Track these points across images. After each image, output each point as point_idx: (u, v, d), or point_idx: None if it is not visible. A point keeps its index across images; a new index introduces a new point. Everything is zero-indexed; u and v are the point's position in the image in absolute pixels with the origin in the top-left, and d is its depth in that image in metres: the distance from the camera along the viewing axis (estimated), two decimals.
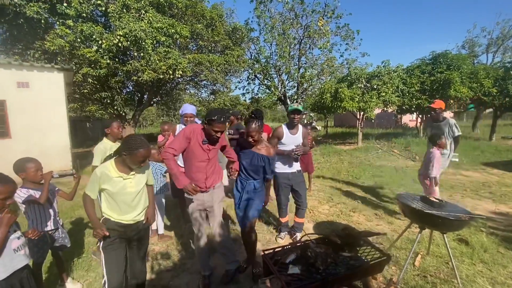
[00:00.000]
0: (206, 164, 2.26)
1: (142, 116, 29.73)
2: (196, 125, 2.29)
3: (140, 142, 1.72)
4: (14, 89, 6.75)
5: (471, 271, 2.54)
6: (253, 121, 2.36)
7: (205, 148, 2.22)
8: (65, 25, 8.47)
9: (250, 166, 2.47)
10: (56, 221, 2.28)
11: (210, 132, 2.13)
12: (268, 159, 2.46)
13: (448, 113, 25.14)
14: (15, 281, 1.50)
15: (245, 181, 2.53)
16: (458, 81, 10.64)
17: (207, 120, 2.11)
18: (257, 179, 2.52)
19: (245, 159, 2.48)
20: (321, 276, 1.28)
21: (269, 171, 2.52)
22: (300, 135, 3.10)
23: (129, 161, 1.72)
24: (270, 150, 2.50)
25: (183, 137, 2.18)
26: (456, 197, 4.85)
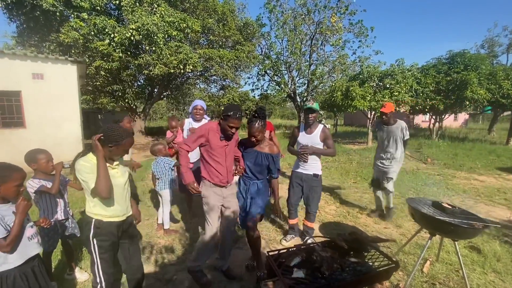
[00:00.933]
0: (225, 159, 2.32)
1: (152, 110, 30.11)
2: (212, 123, 2.34)
3: (123, 131, 1.68)
4: (29, 80, 6.92)
5: (482, 281, 2.45)
6: (256, 121, 2.28)
7: (223, 144, 2.29)
8: (80, 18, 8.62)
9: (255, 166, 2.42)
10: (66, 211, 2.33)
11: (225, 128, 2.19)
12: (272, 157, 2.42)
13: (463, 114, 24.43)
14: (27, 268, 1.55)
15: (248, 181, 2.48)
16: (476, 82, 10.27)
17: (223, 115, 2.17)
18: (261, 179, 2.48)
19: (249, 159, 2.43)
20: (326, 281, 1.25)
21: (274, 169, 2.47)
22: (318, 135, 2.97)
23: (115, 153, 1.67)
24: (273, 148, 2.46)
25: (198, 135, 2.26)
26: (469, 202, 4.70)
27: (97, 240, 1.69)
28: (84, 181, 1.63)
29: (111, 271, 1.75)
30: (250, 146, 2.44)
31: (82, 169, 1.61)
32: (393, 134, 3.56)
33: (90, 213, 1.71)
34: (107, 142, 1.62)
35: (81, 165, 1.62)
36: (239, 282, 2.43)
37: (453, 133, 15.74)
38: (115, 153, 1.68)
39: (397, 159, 3.61)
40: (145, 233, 3.42)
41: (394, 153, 3.60)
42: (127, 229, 1.85)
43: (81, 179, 1.63)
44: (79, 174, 1.62)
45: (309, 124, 3.01)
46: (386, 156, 3.67)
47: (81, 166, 1.62)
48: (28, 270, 1.55)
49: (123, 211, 1.79)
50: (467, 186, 5.71)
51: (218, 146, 2.27)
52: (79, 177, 1.63)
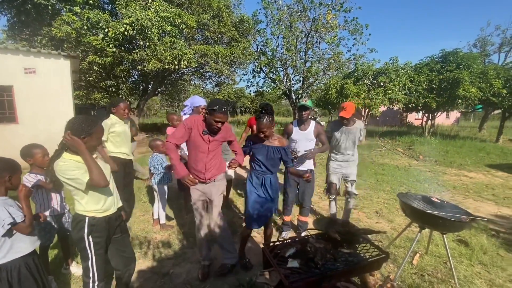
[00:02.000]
0: (206, 155, 2.27)
1: (147, 106, 29.79)
2: (197, 116, 2.30)
3: (90, 120, 1.65)
4: (21, 75, 6.80)
5: (469, 272, 2.55)
6: (264, 117, 2.28)
7: (206, 139, 2.24)
8: (72, 11, 8.46)
9: (267, 160, 2.42)
10: (62, 206, 2.34)
11: (211, 122, 2.15)
12: (284, 150, 2.44)
13: (454, 112, 24.84)
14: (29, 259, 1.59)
15: (261, 176, 2.44)
16: (468, 81, 10.45)
17: (208, 110, 2.13)
18: (274, 173, 2.49)
19: (260, 154, 2.42)
20: (319, 271, 1.30)
21: (288, 160, 2.51)
22: (311, 131, 3.07)
23: (89, 143, 1.62)
24: (283, 141, 2.48)
25: (184, 128, 2.22)
26: (458, 198, 4.84)
27: (93, 237, 1.67)
28: (72, 179, 1.55)
29: (104, 265, 1.77)
30: (259, 142, 2.44)
31: (66, 169, 1.54)
32: (352, 135, 3.31)
33: (82, 211, 1.66)
34: (78, 135, 1.56)
35: (63, 165, 1.55)
36: (235, 275, 2.48)
37: (444, 131, 16.02)
38: (90, 144, 1.63)
39: (355, 161, 3.40)
40: (141, 228, 3.45)
41: (352, 155, 3.36)
42: (119, 223, 1.86)
43: (67, 179, 1.55)
44: (64, 175, 1.54)
45: (302, 121, 3.07)
46: (344, 158, 3.36)
47: (64, 166, 1.54)
48: (30, 260, 1.60)
49: (113, 202, 1.78)
50: (457, 182, 5.86)
51: (199, 141, 2.24)
52: (65, 178, 1.55)
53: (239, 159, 2.40)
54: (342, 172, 3.34)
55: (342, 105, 3.17)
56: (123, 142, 3.17)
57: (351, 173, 3.33)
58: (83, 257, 1.70)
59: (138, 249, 2.93)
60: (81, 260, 1.73)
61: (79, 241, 1.67)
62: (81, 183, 1.56)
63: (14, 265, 1.51)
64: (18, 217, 1.50)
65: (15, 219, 1.47)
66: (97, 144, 1.70)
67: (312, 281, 1.27)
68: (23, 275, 1.53)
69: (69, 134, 1.55)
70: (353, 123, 3.28)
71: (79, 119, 1.62)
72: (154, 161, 3.40)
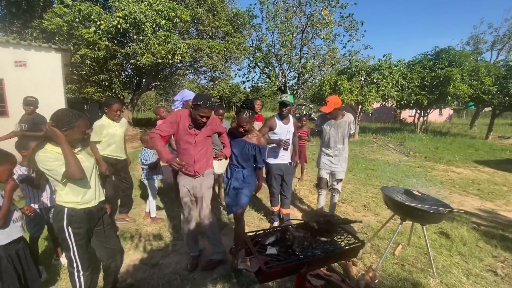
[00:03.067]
0: (193, 148, 2.30)
1: (141, 100, 29.53)
2: (183, 111, 2.34)
3: (74, 113, 1.66)
4: (12, 68, 6.71)
5: (447, 262, 2.67)
6: (244, 111, 2.36)
7: (191, 132, 2.27)
8: (64, 3, 8.33)
9: (241, 155, 2.50)
10: (52, 199, 2.37)
11: (196, 117, 2.18)
12: (258, 148, 2.50)
13: (447, 109, 25.21)
14: (12, 251, 1.63)
15: (234, 169, 2.58)
16: (458, 78, 10.61)
17: (193, 104, 2.16)
18: (247, 168, 2.57)
19: (236, 148, 2.50)
20: (297, 257, 1.37)
21: (260, 159, 2.55)
22: (292, 124, 3.23)
23: (71, 137, 1.64)
24: (260, 139, 2.54)
25: (169, 122, 2.26)
26: (444, 193, 4.97)
27: (72, 228, 1.69)
28: (50, 170, 1.57)
29: (87, 256, 1.80)
30: (239, 136, 2.51)
31: (45, 159, 1.56)
32: (341, 129, 3.27)
33: (61, 202, 1.69)
34: (60, 127, 1.59)
35: (42, 156, 1.57)
36: (223, 265, 2.55)
37: (436, 128, 16.28)
38: (72, 137, 1.64)
39: (345, 156, 3.37)
40: (133, 222, 3.49)
41: (342, 149, 3.33)
42: (102, 216, 1.88)
43: (46, 169, 1.58)
44: (43, 165, 1.57)
45: (283, 116, 3.19)
46: (334, 153, 3.34)
47: (43, 156, 1.57)
48: (13, 252, 1.64)
49: (94, 195, 1.79)
50: (444, 178, 6.02)
51: (186, 134, 2.27)
52: (43, 168, 1.57)
53: (226, 151, 2.44)
54: (332, 169, 3.37)
55: (325, 101, 3.20)
56: (114, 142, 3.20)
57: (339, 171, 3.36)
58: (65, 248, 1.73)
59: (129, 241, 2.98)
60: (64, 250, 1.77)
61: (59, 232, 1.70)
62: (57, 174, 1.58)
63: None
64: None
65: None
66: (79, 138, 1.71)
67: (289, 267, 1.34)
68: (3, 266, 1.57)
69: (50, 124, 1.58)
70: (341, 117, 3.27)
71: (63, 111, 1.65)
72: (143, 155, 3.43)
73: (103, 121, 3.10)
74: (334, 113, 3.21)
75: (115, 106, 3.11)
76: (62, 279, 2.35)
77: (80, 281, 1.77)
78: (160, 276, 2.40)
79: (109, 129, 3.12)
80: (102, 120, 3.11)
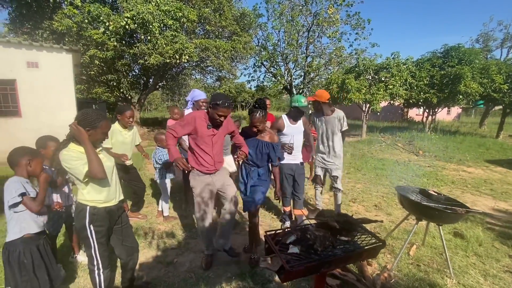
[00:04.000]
0: (212, 147, 2.35)
1: (147, 100, 29.75)
2: (198, 112, 2.36)
3: (98, 114, 1.70)
4: (24, 68, 6.83)
5: (464, 263, 2.63)
6: (257, 111, 2.37)
7: (210, 132, 2.31)
8: (73, 5, 8.43)
9: (256, 154, 2.51)
10: (70, 198, 2.41)
11: (214, 116, 2.21)
12: (272, 146, 2.50)
13: (456, 108, 24.81)
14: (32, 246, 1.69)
15: (249, 168, 2.58)
16: (469, 76, 10.44)
17: (212, 104, 2.19)
18: (261, 166, 2.57)
19: (250, 147, 2.51)
20: (318, 257, 1.37)
21: (274, 157, 2.54)
22: (301, 124, 3.19)
23: (94, 137, 1.68)
24: (274, 137, 2.54)
25: (183, 124, 2.30)
26: (456, 192, 4.91)
27: (94, 226, 1.73)
28: (72, 168, 1.61)
29: (107, 254, 1.83)
30: (252, 135, 2.52)
31: (68, 158, 1.60)
32: (330, 124, 3.30)
33: (83, 200, 1.72)
34: (83, 126, 1.63)
35: (66, 154, 1.61)
36: (237, 264, 2.56)
37: (445, 127, 16.05)
38: (94, 137, 1.69)
39: (337, 153, 3.36)
40: (145, 220, 3.53)
41: (333, 146, 3.34)
42: (121, 214, 1.92)
43: (69, 168, 1.62)
44: (67, 164, 1.61)
45: (292, 116, 3.15)
46: (325, 150, 3.38)
47: (66, 155, 1.61)
48: (33, 247, 1.69)
49: (114, 195, 1.84)
50: (455, 177, 5.93)
51: (205, 135, 2.30)
52: (67, 166, 1.62)
53: (245, 150, 2.46)
54: (326, 166, 3.44)
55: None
56: (124, 150, 3.23)
57: (333, 168, 3.40)
58: (86, 246, 1.76)
59: (143, 239, 3.02)
60: (85, 248, 1.80)
61: (81, 230, 1.74)
62: (79, 173, 1.61)
63: (16, 248, 1.63)
64: (31, 193, 1.65)
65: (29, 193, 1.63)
66: (101, 139, 1.76)
67: (311, 266, 1.34)
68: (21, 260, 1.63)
69: (75, 123, 1.63)
70: (331, 113, 3.33)
71: (88, 112, 1.68)
72: (157, 155, 3.46)
73: (114, 127, 3.10)
74: (316, 105, 3.33)
75: (128, 113, 3.13)
76: (80, 276, 2.39)
77: (100, 278, 1.80)
78: (176, 275, 2.42)
79: (119, 136, 3.15)
80: (113, 126, 3.11)
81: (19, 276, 1.63)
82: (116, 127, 3.14)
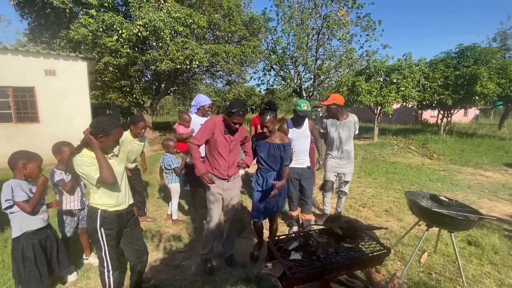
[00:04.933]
0: (228, 154, 2.42)
1: (159, 105, 30.40)
2: (218, 117, 2.44)
3: (111, 122, 1.76)
4: (42, 76, 7.16)
5: (478, 272, 2.53)
6: (268, 112, 2.38)
7: (227, 138, 2.39)
8: (88, 14, 8.77)
9: (268, 157, 2.52)
10: (82, 202, 2.50)
11: (229, 124, 2.30)
12: (283, 147, 2.50)
13: (473, 109, 23.94)
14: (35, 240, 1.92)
15: (265, 173, 2.57)
16: (486, 77, 10.07)
17: (228, 112, 2.27)
18: (277, 169, 2.57)
19: (262, 151, 2.52)
20: (321, 263, 1.36)
21: (286, 158, 2.53)
22: (307, 128, 3.13)
23: (106, 143, 1.75)
24: (284, 138, 2.55)
25: (206, 129, 2.37)
26: (473, 197, 4.73)
27: (105, 229, 1.79)
28: (85, 174, 1.68)
29: (117, 256, 1.89)
30: (263, 138, 2.53)
31: (82, 164, 1.67)
32: (347, 129, 3.24)
33: (95, 204, 1.78)
34: (97, 133, 1.71)
35: (79, 160, 1.69)
36: (243, 268, 2.57)
37: (462, 129, 15.50)
38: (107, 144, 1.76)
39: (351, 158, 3.33)
40: (153, 223, 3.59)
41: (348, 151, 3.29)
42: (130, 218, 1.97)
43: (82, 173, 1.69)
44: (80, 169, 1.68)
45: (297, 120, 3.12)
46: (341, 155, 3.31)
47: (80, 161, 1.68)
48: (36, 241, 1.93)
49: (125, 199, 1.89)
50: (472, 182, 5.71)
51: (222, 140, 2.38)
52: (80, 171, 1.69)
53: (247, 160, 2.50)
54: (339, 171, 3.37)
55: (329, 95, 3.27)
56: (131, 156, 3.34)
57: (347, 173, 3.36)
58: (97, 248, 1.83)
59: (151, 242, 3.08)
60: (96, 250, 1.87)
61: (92, 232, 1.80)
62: (92, 178, 1.69)
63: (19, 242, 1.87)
64: (22, 197, 1.83)
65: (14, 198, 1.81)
66: (113, 145, 1.83)
67: (314, 273, 1.33)
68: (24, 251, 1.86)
69: (88, 131, 1.70)
70: (346, 117, 3.28)
71: (101, 119, 1.76)
72: (165, 161, 3.53)
73: (125, 135, 3.14)
74: (333, 110, 3.23)
75: (141, 124, 3.22)
76: (91, 278, 2.46)
77: (110, 280, 1.86)
78: (182, 278, 2.45)
79: (127, 146, 3.23)
80: (125, 134, 3.12)
81: (22, 267, 1.86)
82: (127, 135, 3.21)
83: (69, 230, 2.45)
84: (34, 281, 1.89)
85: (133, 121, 3.26)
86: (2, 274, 2.41)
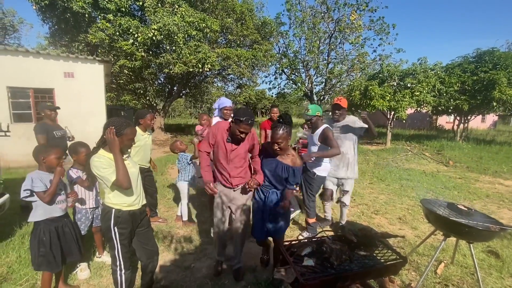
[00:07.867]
0: (227, 163, 2.28)
1: (171, 107, 30.91)
2: (223, 123, 2.34)
3: (123, 121, 1.78)
4: (61, 78, 7.41)
5: (498, 285, 2.42)
6: (280, 127, 2.13)
7: (227, 147, 2.24)
8: (106, 19, 9.06)
9: (273, 175, 2.28)
10: (97, 200, 2.56)
11: (235, 132, 2.13)
12: (293, 170, 2.22)
13: (491, 115, 23.09)
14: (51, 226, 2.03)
15: (267, 190, 2.34)
16: (505, 82, 9.71)
17: (235, 119, 2.10)
18: (281, 188, 2.33)
19: (268, 167, 2.29)
20: (334, 271, 1.33)
21: (292, 181, 2.26)
22: (318, 135, 3.00)
23: (120, 143, 1.74)
24: (296, 160, 2.25)
25: (210, 136, 2.32)
26: (492, 207, 4.54)
27: (118, 228, 1.80)
28: (102, 176, 1.71)
29: (129, 255, 1.92)
30: (272, 153, 2.27)
31: (99, 165, 1.69)
32: (343, 130, 3.06)
33: (109, 203, 1.81)
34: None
35: (97, 161, 1.70)
36: (252, 272, 2.55)
37: (479, 135, 14.98)
38: (121, 144, 1.76)
39: (353, 163, 3.12)
40: (164, 224, 3.63)
41: (352, 156, 3.11)
42: (143, 218, 1.99)
43: (99, 175, 1.71)
44: (97, 170, 1.70)
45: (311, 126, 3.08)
46: (343, 163, 3.11)
47: (97, 162, 1.70)
48: (52, 228, 2.04)
49: (138, 199, 1.91)
50: (490, 191, 5.49)
51: (223, 147, 2.25)
52: (97, 172, 1.71)
53: (259, 179, 2.28)
54: (338, 175, 3.19)
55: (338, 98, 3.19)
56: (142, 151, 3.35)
57: (347, 183, 3.20)
58: (111, 247, 1.86)
59: (162, 242, 3.10)
60: (109, 249, 1.91)
61: (106, 231, 1.83)
62: (108, 181, 1.72)
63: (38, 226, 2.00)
64: (40, 187, 1.92)
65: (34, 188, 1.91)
66: (128, 145, 1.86)
67: (327, 280, 1.30)
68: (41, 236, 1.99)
69: (113, 132, 1.69)
70: (343, 118, 3.17)
71: (114, 120, 1.79)
72: (180, 161, 3.57)
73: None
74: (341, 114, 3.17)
75: (149, 116, 3.28)
76: (103, 276, 2.50)
77: (122, 279, 1.88)
78: (192, 280, 2.45)
79: (141, 141, 3.26)
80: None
81: (37, 250, 1.98)
82: (138, 131, 3.26)
83: (84, 228, 2.50)
84: (46, 264, 2.00)
85: (141, 116, 3.30)
86: (19, 270, 2.48)
